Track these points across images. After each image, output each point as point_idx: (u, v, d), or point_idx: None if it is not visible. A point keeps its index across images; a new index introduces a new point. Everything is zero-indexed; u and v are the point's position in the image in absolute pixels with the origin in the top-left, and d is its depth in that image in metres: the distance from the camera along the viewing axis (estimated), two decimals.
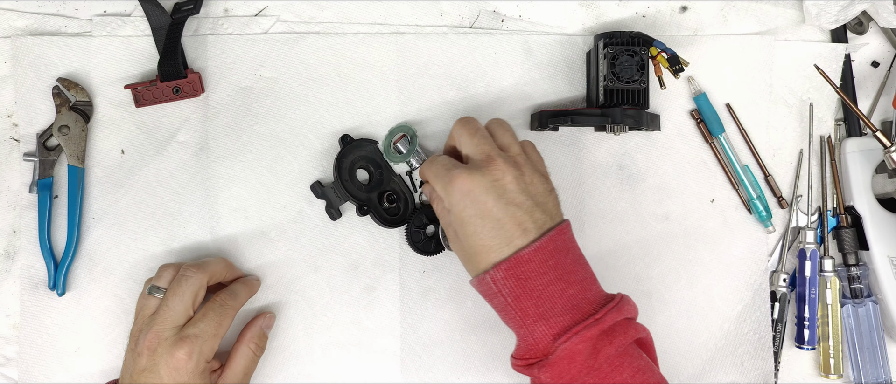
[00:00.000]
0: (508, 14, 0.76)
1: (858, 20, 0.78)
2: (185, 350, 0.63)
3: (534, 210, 0.61)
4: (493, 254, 0.60)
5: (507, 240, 0.60)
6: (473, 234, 0.61)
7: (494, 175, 0.61)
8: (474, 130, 0.64)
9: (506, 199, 0.60)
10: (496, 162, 0.61)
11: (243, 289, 0.70)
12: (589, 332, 0.59)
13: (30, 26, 0.75)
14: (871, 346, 0.75)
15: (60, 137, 0.73)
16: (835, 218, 0.77)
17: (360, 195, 0.72)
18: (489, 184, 0.60)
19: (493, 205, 0.60)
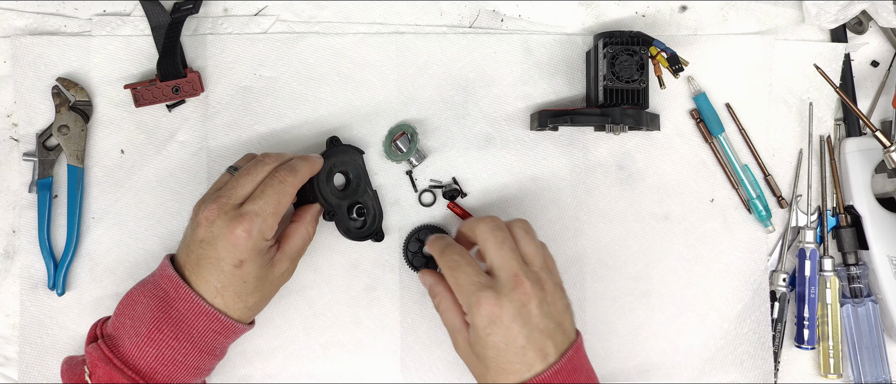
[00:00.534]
0: (508, 14, 0.76)
1: (858, 20, 0.78)
2: (243, 226, 0.61)
3: (555, 333, 0.61)
4: (511, 376, 0.60)
5: (527, 366, 0.60)
6: (494, 358, 0.61)
7: (521, 300, 0.60)
8: (502, 242, 0.63)
9: (530, 326, 0.60)
10: (523, 285, 0.61)
11: (304, 165, 0.67)
12: None
13: (29, 26, 0.75)
14: (871, 346, 0.75)
15: (60, 137, 0.73)
16: (834, 217, 0.77)
17: (330, 199, 0.71)
18: (516, 310, 0.60)
19: (519, 332, 0.60)
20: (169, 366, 0.62)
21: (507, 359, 0.60)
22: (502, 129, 0.76)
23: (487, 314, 0.60)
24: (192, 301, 0.62)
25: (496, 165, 0.76)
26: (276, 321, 0.74)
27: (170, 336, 0.61)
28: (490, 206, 0.76)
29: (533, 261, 0.64)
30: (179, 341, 0.61)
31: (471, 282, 0.62)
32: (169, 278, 0.63)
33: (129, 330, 0.62)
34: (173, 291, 0.62)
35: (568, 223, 0.76)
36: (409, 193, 0.76)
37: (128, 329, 0.62)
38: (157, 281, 0.64)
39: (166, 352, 0.61)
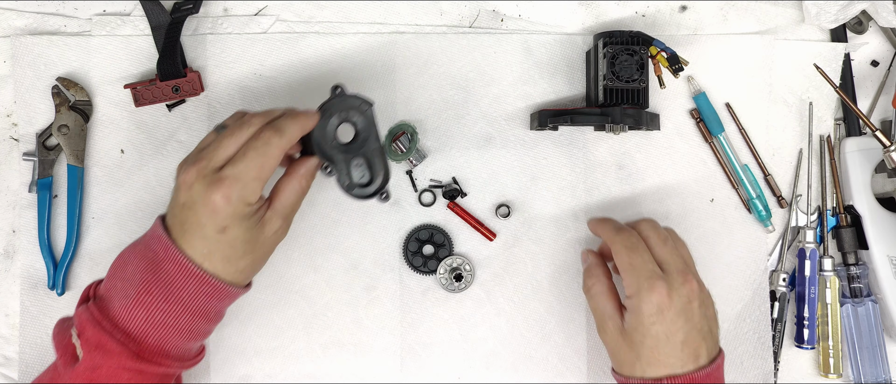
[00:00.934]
0: (508, 13, 0.76)
1: (858, 19, 0.78)
2: (221, 192, 0.58)
3: (708, 336, 0.62)
4: (662, 368, 0.61)
5: (681, 363, 0.61)
6: (651, 347, 0.61)
7: (689, 296, 0.62)
8: (665, 239, 0.65)
9: (691, 324, 0.61)
10: (692, 282, 0.62)
11: (293, 124, 0.62)
12: None
13: (29, 26, 0.74)
14: (871, 346, 0.75)
15: (60, 137, 0.73)
16: (834, 217, 0.77)
17: (330, 153, 0.64)
18: (683, 305, 0.61)
19: (681, 328, 0.61)
20: (159, 329, 0.59)
21: (663, 352, 0.61)
22: (502, 128, 0.76)
23: (657, 302, 0.61)
24: (181, 263, 0.59)
25: (496, 165, 0.76)
26: (276, 321, 0.74)
27: (159, 298, 0.59)
28: (490, 206, 0.76)
29: (690, 265, 0.66)
30: (169, 303, 0.59)
31: (646, 268, 0.62)
32: (158, 239, 0.60)
33: (119, 291, 0.60)
34: (162, 252, 0.59)
35: (568, 223, 0.76)
36: (409, 193, 0.76)
37: (118, 290, 0.60)
38: (147, 241, 0.61)
39: (156, 314, 0.59)
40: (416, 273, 0.75)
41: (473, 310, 0.75)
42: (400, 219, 0.75)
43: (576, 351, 0.75)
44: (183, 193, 0.60)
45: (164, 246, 0.60)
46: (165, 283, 0.59)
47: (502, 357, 0.75)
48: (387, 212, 0.75)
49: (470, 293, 0.75)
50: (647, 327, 0.61)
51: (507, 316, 0.75)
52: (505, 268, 0.75)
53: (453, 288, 0.74)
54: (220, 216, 0.58)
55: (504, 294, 0.75)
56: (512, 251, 0.76)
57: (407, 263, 0.75)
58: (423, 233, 0.75)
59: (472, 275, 0.75)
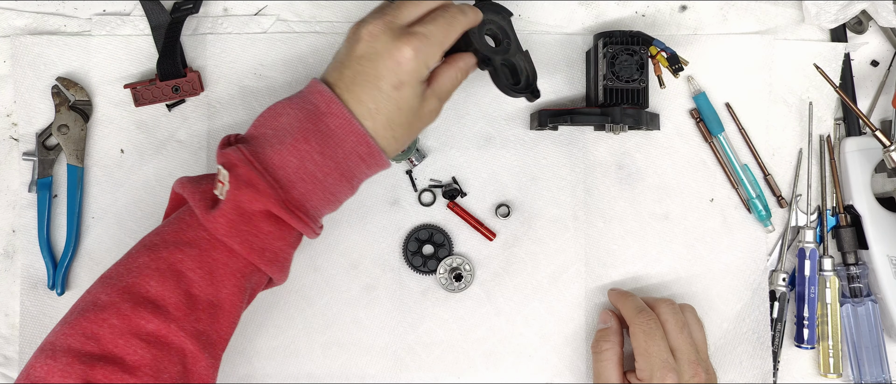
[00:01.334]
0: None
1: (858, 19, 0.78)
2: (412, 46, 0.58)
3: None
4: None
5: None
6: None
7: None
8: (682, 326, 0.68)
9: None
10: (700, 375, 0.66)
11: (472, 11, 0.64)
12: None
13: (29, 25, 0.74)
14: (871, 346, 0.75)
15: (60, 137, 0.73)
16: (834, 217, 0.77)
17: (486, 51, 0.66)
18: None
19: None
20: (308, 182, 0.58)
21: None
22: (502, 128, 0.76)
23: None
24: (345, 117, 0.57)
25: (496, 165, 0.76)
26: (276, 321, 0.74)
27: (315, 150, 0.57)
28: (490, 206, 0.76)
29: (702, 350, 0.69)
30: (324, 157, 0.58)
31: (661, 359, 0.66)
32: (320, 93, 0.58)
33: (270, 138, 0.58)
34: (325, 106, 0.58)
35: (567, 223, 0.76)
36: (409, 193, 0.76)
37: (270, 138, 0.58)
38: (305, 96, 0.59)
39: (309, 165, 0.58)
40: (416, 273, 0.75)
41: (473, 310, 0.75)
42: (400, 219, 0.75)
43: (576, 351, 0.75)
44: (364, 44, 0.59)
45: (327, 99, 0.58)
46: (324, 134, 0.58)
47: (502, 357, 0.75)
48: (387, 211, 0.75)
49: (470, 293, 0.75)
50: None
51: (506, 316, 0.75)
52: (505, 268, 0.75)
53: (453, 288, 0.74)
54: (403, 69, 0.58)
55: (504, 294, 0.75)
56: (512, 251, 0.76)
57: (407, 263, 0.75)
58: (422, 233, 0.75)
59: (472, 275, 0.75)
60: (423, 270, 0.75)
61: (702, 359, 0.68)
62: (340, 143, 0.58)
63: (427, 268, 0.74)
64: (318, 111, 0.58)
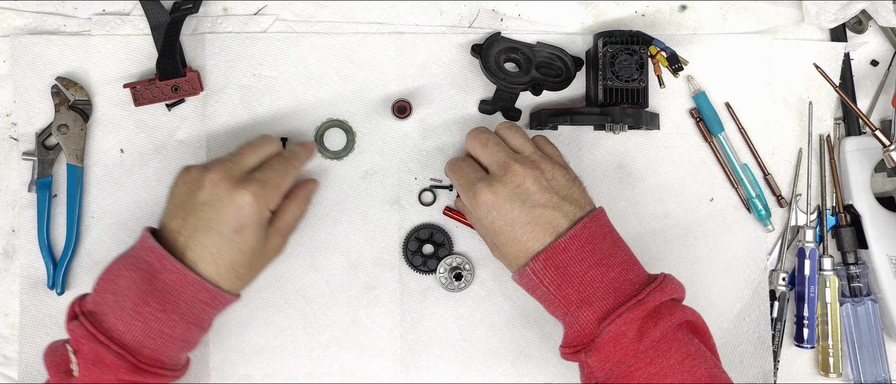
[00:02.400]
0: (508, 13, 0.76)
1: (858, 19, 0.78)
2: (251, 190, 0.61)
3: (561, 204, 0.62)
4: (526, 252, 0.62)
5: (538, 240, 0.61)
6: (509, 242, 0.62)
7: (515, 180, 0.62)
8: (486, 140, 0.66)
9: (531, 203, 0.61)
10: (513, 167, 0.62)
11: (303, 151, 0.69)
12: (633, 314, 0.59)
13: (29, 25, 0.74)
14: (871, 345, 0.75)
15: (59, 136, 0.73)
16: (834, 216, 0.77)
17: (524, 80, 0.73)
18: (511, 192, 0.62)
19: (520, 211, 0.61)
20: (157, 339, 0.60)
21: (517, 239, 0.62)
22: None
23: (484, 202, 0.62)
24: (179, 271, 0.60)
25: None
26: (275, 320, 0.74)
27: (157, 308, 0.60)
28: None
29: (522, 149, 0.66)
30: (167, 313, 0.60)
31: (467, 180, 0.64)
32: (152, 250, 0.61)
33: (112, 305, 0.60)
34: (158, 263, 0.60)
35: None
36: (410, 193, 0.76)
37: (111, 304, 0.60)
38: (138, 254, 0.62)
39: (154, 324, 0.60)
40: (416, 272, 0.75)
41: (473, 310, 0.75)
42: (400, 219, 0.75)
43: None
44: (206, 192, 0.62)
45: (159, 256, 0.61)
46: (162, 292, 0.60)
47: (502, 356, 0.75)
48: (387, 211, 0.75)
49: (470, 292, 0.75)
50: (489, 226, 0.63)
51: (506, 315, 0.75)
52: (505, 267, 0.75)
53: (453, 287, 0.74)
54: (244, 213, 0.61)
55: (504, 293, 0.75)
56: None
57: (407, 263, 0.75)
58: (422, 233, 0.75)
59: (472, 275, 0.75)
60: (423, 270, 0.75)
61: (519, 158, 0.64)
62: (180, 295, 0.60)
63: (427, 268, 0.74)
64: (152, 269, 0.60)
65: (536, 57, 0.74)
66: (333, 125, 0.75)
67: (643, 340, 0.59)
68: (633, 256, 0.64)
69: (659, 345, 0.60)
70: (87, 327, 0.59)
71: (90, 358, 0.59)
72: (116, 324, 0.60)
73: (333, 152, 0.75)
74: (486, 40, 0.73)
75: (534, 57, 0.74)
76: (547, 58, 0.74)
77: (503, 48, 0.74)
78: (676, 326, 0.61)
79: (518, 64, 0.75)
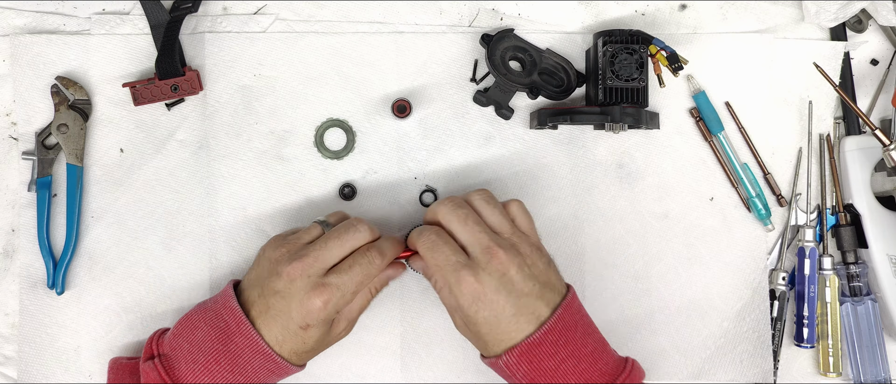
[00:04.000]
0: (507, 12, 0.76)
1: (857, 18, 0.78)
2: (323, 298, 0.62)
3: (543, 292, 0.62)
4: (506, 341, 0.61)
5: (524, 328, 0.61)
6: (490, 331, 0.61)
7: (500, 270, 0.61)
8: (465, 217, 0.64)
9: (516, 294, 0.61)
10: (497, 254, 0.61)
11: (391, 247, 0.67)
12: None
13: (28, 24, 0.74)
14: (871, 345, 0.75)
15: (59, 136, 0.73)
16: (834, 216, 0.77)
17: (524, 81, 0.72)
18: (497, 282, 0.61)
19: (505, 302, 0.61)
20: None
21: (500, 329, 0.61)
22: (502, 127, 0.76)
23: (470, 293, 0.61)
24: (252, 339, 0.62)
25: (496, 164, 0.76)
26: None
27: (225, 369, 0.62)
28: None
29: (501, 228, 0.64)
30: (234, 374, 0.62)
31: (448, 263, 0.62)
32: (231, 311, 0.63)
33: (186, 354, 0.62)
34: (235, 326, 0.62)
35: (567, 222, 0.76)
36: (409, 193, 0.76)
37: (185, 353, 0.63)
38: (219, 310, 0.64)
39: (220, 381, 0.62)
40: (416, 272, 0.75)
41: None
42: (400, 219, 0.75)
43: None
44: (282, 283, 0.62)
45: (237, 320, 0.62)
46: (234, 355, 0.62)
47: None
48: (387, 211, 0.75)
49: None
50: (473, 316, 0.61)
51: None
52: None
53: None
54: (312, 316, 0.62)
55: None
56: None
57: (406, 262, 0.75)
58: None
59: None
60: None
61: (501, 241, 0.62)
62: (249, 362, 0.62)
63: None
64: (229, 331, 0.62)
65: (542, 62, 0.74)
66: (333, 125, 0.75)
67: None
68: (603, 341, 0.65)
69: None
70: (161, 372, 0.62)
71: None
72: (187, 373, 0.62)
73: (333, 152, 0.74)
74: (498, 33, 0.73)
75: (539, 61, 0.74)
76: (552, 66, 0.74)
77: (512, 45, 0.74)
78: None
79: (523, 64, 0.75)
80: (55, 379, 0.73)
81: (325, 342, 0.66)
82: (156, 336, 0.66)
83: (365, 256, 0.65)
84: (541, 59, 0.74)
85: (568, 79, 0.75)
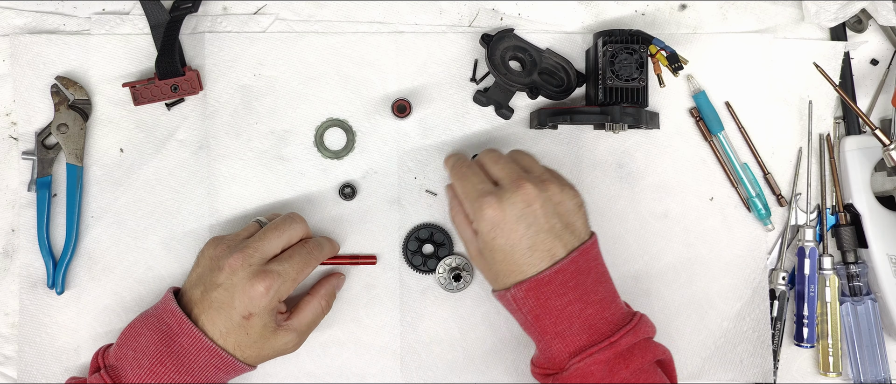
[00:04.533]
0: (507, 12, 0.76)
1: (857, 18, 0.78)
2: (265, 283, 0.63)
3: (563, 233, 0.62)
4: (517, 274, 0.61)
5: (533, 266, 0.61)
6: (503, 260, 0.62)
7: (525, 200, 0.61)
8: (499, 157, 0.66)
9: (536, 227, 0.61)
10: (525, 187, 0.62)
11: (328, 244, 0.70)
12: (603, 355, 0.60)
13: (28, 24, 0.74)
14: (870, 344, 0.75)
15: (59, 136, 0.73)
16: (834, 216, 0.77)
17: (524, 81, 0.72)
18: (519, 212, 0.61)
19: (524, 233, 0.61)
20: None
21: (514, 261, 0.61)
22: (502, 127, 0.76)
23: (490, 218, 0.61)
24: (195, 337, 0.62)
25: None
26: None
27: (172, 370, 0.62)
28: None
29: (533, 169, 0.65)
30: (181, 374, 0.62)
31: (475, 189, 0.63)
32: (172, 313, 0.63)
33: (131, 362, 0.63)
34: (177, 326, 0.63)
35: None
36: (409, 193, 0.76)
37: (130, 361, 0.63)
38: (160, 315, 0.64)
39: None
40: (416, 272, 0.75)
41: (473, 310, 0.75)
42: (400, 218, 0.75)
43: None
44: (224, 275, 0.63)
45: (178, 320, 0.63)
46: (178, 355, 0.62)
47: (502, 356, 0.75)
48: (387, 211, 0.75)
49: (469, 292, 0.75)
50: (490, 242, 0.62)
51: (506, 315, 0.75)
52: None
53: (452, 287, 0.74)
54: (254, 303, 0.63)
55: None
56: None
57: (406, 262, 0.75)
58: (423, 233, 0.75)
59: (472, 275, 0.75)
60: (422, 270, 0.75)
61: (532, 177, 0.63)
62: (195, 360, 0.62)
63: (427, 268, 0.74)
64: (172, 332, 0.63)
65: (542, 62, 0.74)
66: (333, 124, 0.75)
67: (614, 377, 0.60)
68: (614, 291, 0.65)
69: (630, 380, 0.61)
70: (107, 381, 0.63)
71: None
72: (133, 381, 0.62)
73: (333, 152, 0.75)
74: (498, 33, 0.73)
75: (539, 61, 0.74)
76: (552, 66, 0.74)
77: (512, 45, 0.74)
78: (648, 364, 0.62)
79: (523, 64, 0.75)
80: (55, 379, 0.73)
81: (267, 344, 0.65)
82: (101, 351, 0.66)
83: (304, 247, 0.67)
84: (541, 59, 0.74)
85: (568, 79, 0.75)
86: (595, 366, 0.60)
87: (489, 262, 0.63)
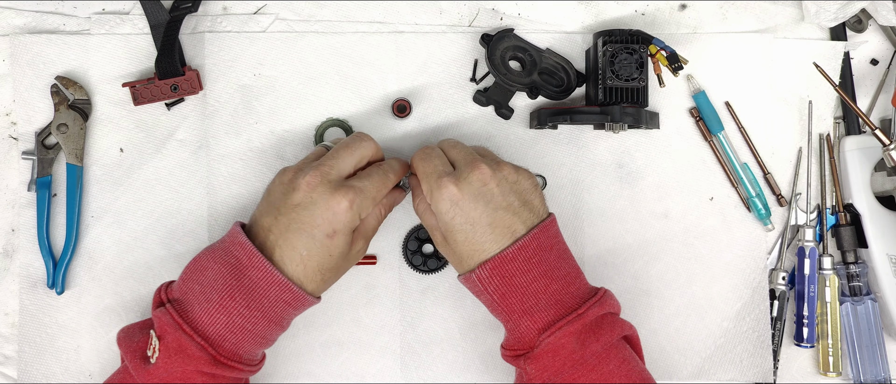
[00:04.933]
0: (507, 12, 0.76)
1: (857, 18, 0.78)
2: (348, 198, 0.61)
3: (521, 210, 0.63)
4: (480, 254, 0.62)
5: (498, 241, 0.61)
6: (465, 241, 0.62)
7: (481, 179, 0.62)
8: (456, 143, 0.67)
9: (494, 204, 0.62)
10: (480, 166, 0.63)
11: (400, 164, 0.68)
12: (572, 327, 0.61)
13: (28, 24, 0.74)
14: (870, 344, 0.75)
15: (59, 136, 0.73)
16: (834, 216, 0.77)
17: (524, 81, 0.73)
18: (477, 190, 0.62)
19: (483, 211, 0.61)
20: (238, 334, 0.61)
21: (475, 240, 0.62)
22: (502, 127, 0.76)
23: (448, 197, 0.62)
24: (266, 269, 0.60)
25: None
26: None
27: (241, 304, 0.60)
28: None
29: (488, 155, 0.67)
30: (251, 310, 0.60)
31: (435, 171, 0.64)
32: (241, 246, 0.61)
33: (198, 296, 0.61)
34: (246, 259, 0.61)
35: (567, 221, 0.76)
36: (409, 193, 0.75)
37: (197, 295, 0.61)
38: (227, 247, 0.62)
39: (237, 320, 0.60)
40: (416, 272, 0.75)
41: (473, 309, 0.75)
42: (400, 218, 0.75)
43: None
44: (301, 194, 0.61)
45: (248, 253, 0.61)
46: (248, 289, 0.61)
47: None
48: None
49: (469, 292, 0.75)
50: (449, 224, 0.62)
51: None
52: None
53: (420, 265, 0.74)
54: (338, 219, 0.61)
55: None
56: None
57: (406, 262, 0.75)
58: (423, 232, 0.75)
59: None
60: (422, 270, 0.75)
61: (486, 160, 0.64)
62: (265, 294, 0.61)
63: (427, 268, 0.74)
64: (241, 265, 0.61)
65: (542, 62, 0.74)
66: (333, 124, 0.75)
67: (585, 350, 0.61)
68: (577, 268, 0.65)
69: (599, 355, 0.61)
70: (174, 316, 0.60)
71: (173, 347, 0.60)
72: (201, 315, 0.60)
73: None
74: (498, 33, 0.73)
75: (539, 61, 0.74)
76: (552, 66, 0.74)
77: (512, 45, 0.74)
78: (617, 339, 0.63)
79: (523, 64, 0.75)
80: (55, 379, 0.73)
81: (346, 258, 0.64)
82: (163, 286, 0.64)
83: (380, 167, 0.66)
84: (541, 58, 0.74)
85: (568, 79, 0.75)
86: (565, 339, 0.61)
87: (452, 245, 0.63)
